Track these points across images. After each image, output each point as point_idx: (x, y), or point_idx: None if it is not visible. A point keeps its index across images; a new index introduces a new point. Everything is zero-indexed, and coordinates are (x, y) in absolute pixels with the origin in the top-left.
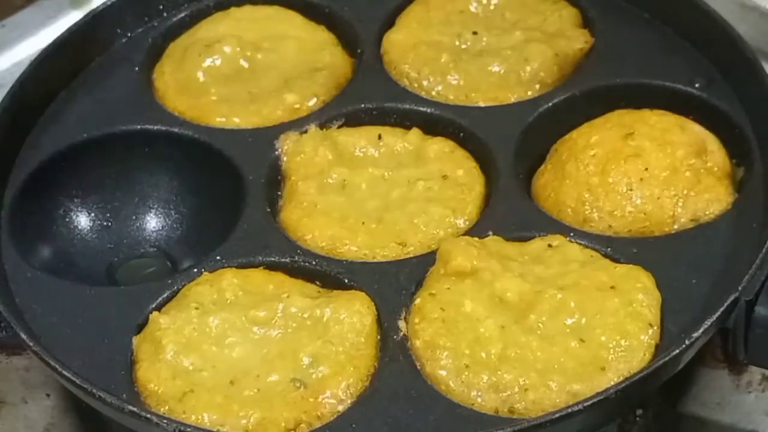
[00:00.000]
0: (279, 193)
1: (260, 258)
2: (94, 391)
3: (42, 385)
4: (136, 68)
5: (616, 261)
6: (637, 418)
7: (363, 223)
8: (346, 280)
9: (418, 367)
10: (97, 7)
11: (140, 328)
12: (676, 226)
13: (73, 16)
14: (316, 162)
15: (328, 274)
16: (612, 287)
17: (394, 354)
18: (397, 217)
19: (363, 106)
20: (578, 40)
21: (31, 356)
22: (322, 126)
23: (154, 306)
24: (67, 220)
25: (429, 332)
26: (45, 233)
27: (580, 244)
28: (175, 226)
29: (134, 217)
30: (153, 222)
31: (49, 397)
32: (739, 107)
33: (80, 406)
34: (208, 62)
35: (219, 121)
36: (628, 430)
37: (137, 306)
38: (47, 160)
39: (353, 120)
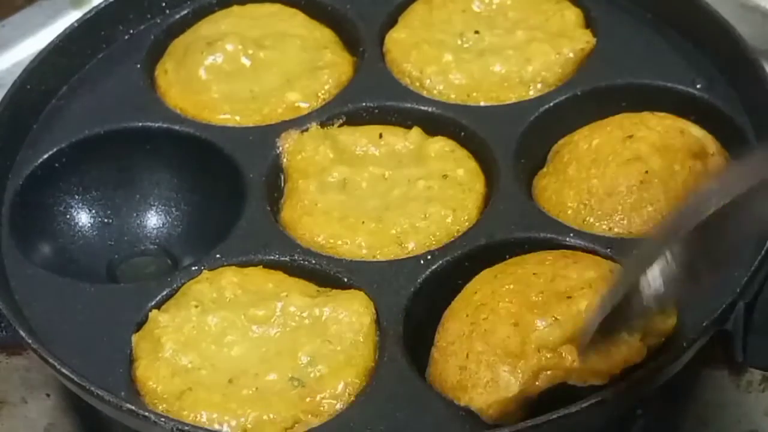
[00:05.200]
0: (279, 191)
1: (260, 256)
2: (93, 388)
3: (42, 385)
4: (138, 65)
5: (616, 262)
6: (637, 419)
7: (363, 222)
8: (346, 280)
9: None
10: (99, 4)
11: (140, 325)
12: None
13: (73, 16)
14: (317, 161)
15: (328, 274)
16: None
17: (392, 353)
18: (397, 216)
19: (364, 104)
20: (580, 41)
21: (31, 356)
22: (323, 124)
23: (153, 304)
24: (67, 217)
25: None
26: (46, 230)
27: None
28: (175, 223)
29: (135, 215)
30: (154, 219)
31: (49, 397)
32: (739, 108)
33: (80, 406)
34: (209, 60)
35: (220, 118)
36: (628, 429)
37: (137, 304)
38: (48, 157)
39: (354, 119)
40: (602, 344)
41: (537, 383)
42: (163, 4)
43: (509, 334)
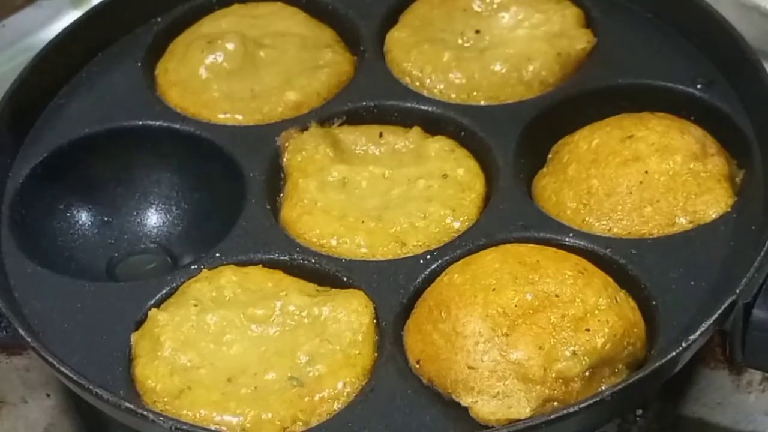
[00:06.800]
0: (279, 190)
1: (259, 255)
2: (91, 387)
3: (42, 385)
4: (139, 64)
5: (615, 262)
6: (637, 418)
7: (363, 221)
8: (345, 279)
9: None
10: (100, 2)
11: (139, 324)
12: (675, 228)
13: (73, 16)
14: (317, 160)
15: (327, 273)
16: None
17: (390, 353)
18: (396, 215)
19: (364, 104)
20: (581, 40)
21: (31, 356)
22: (324, 123)
23: (153, 302)
24: (67, 215)
25: None
26: (45, 228)
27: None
28: (175, 222)
29: (135, 213)
30: (154, 218)
31: (49, 397)
32: (740, 108)
33: (80, 407)
34: (210, 59)
35: (220, 117)
36: (627, 430)
37: (136, 302)
38: (49, 155)
39: (354, 118)
40: None
41: (541, 410)
42: (164, 3)
43: (532, 356)
